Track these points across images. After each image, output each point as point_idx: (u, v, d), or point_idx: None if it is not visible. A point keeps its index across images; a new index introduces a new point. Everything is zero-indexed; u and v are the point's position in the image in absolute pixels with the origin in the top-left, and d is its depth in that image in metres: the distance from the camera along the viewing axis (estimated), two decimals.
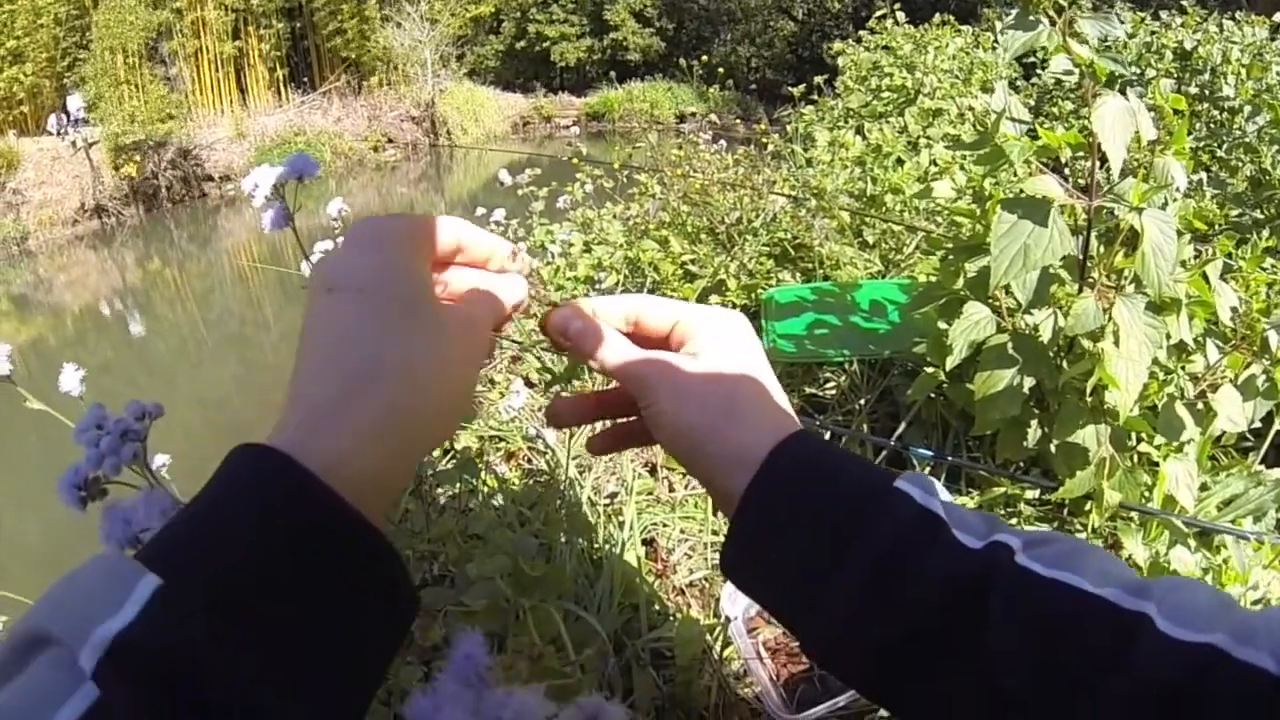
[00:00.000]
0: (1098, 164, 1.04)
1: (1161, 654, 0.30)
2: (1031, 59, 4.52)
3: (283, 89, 16.47)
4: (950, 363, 1.12)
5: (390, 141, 16.12)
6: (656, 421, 0.41)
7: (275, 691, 0.26)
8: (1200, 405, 1.14)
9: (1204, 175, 2.25)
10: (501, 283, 0.43)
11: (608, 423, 0.50)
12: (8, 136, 11.94)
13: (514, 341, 2.05)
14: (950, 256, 1.20)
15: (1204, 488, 1.22)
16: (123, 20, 13.30)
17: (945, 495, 0.38)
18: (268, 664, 0.26)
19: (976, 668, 0.32)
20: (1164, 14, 5.15)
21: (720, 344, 0.43)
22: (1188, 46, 4.08)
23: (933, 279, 1.31)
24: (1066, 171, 2.07)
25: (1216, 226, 1.77)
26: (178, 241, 11.91)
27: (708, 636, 1.01)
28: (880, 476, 0.38)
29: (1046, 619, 0.32)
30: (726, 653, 1.02)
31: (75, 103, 12.69)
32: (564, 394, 0.46)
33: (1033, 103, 4.29)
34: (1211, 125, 3.30)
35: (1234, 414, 1.10)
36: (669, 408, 0.40)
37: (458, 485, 1.03)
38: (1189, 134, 1.38)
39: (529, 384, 1.86)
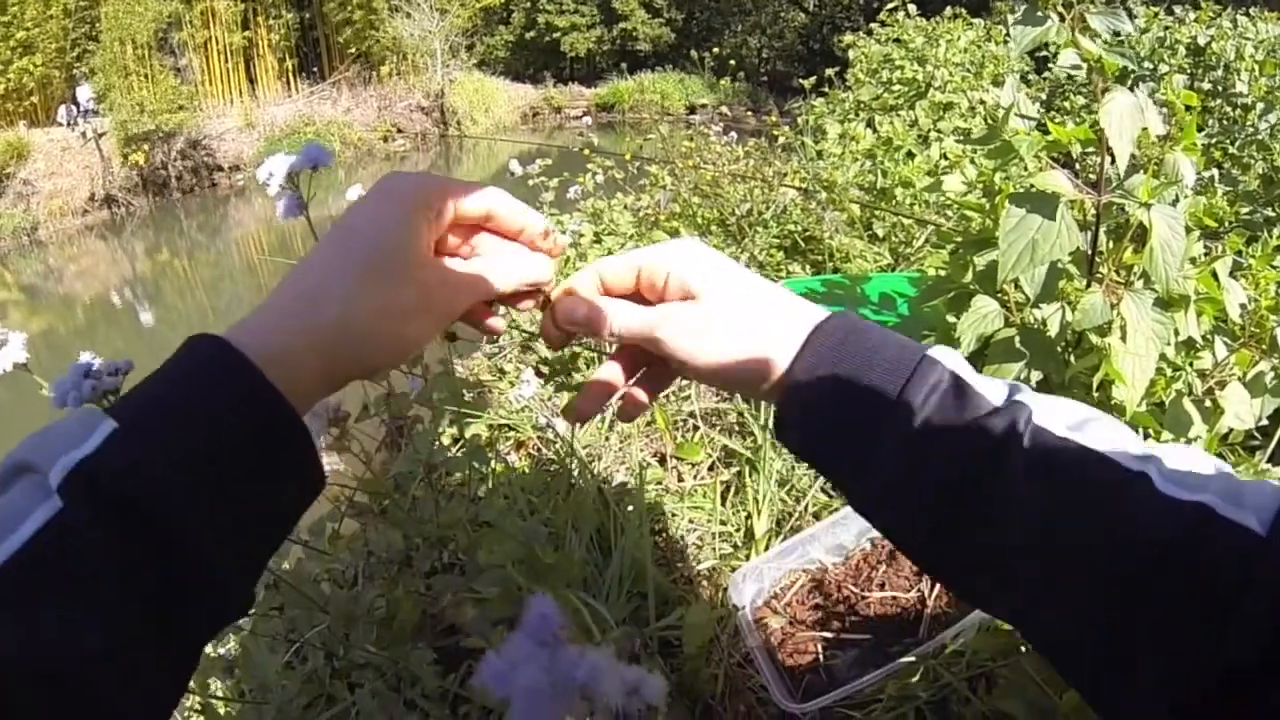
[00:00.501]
0: (1107, 159, 1.05)
1: (1156, 510, 0.33)
2: (1044, 53, 4.49)
3: (292, 79, 16.51)
4: None
5: (400, 132, 16.15)
6: (685, 361, 0.44)
7: (200, 510, 0.33)
8: (1208, 402, 1.14)
9: (1216, 172, 2.24)
10: (522, 259, 0.47)
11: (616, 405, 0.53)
12: (18, 127, 12.00)
13: (525, 332, 2.06)
14: (959, 250, 1.21)
15: None
16: (132, 11, 13.33)
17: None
18: (196, 487, 0.33)
19: (994, 517, 0.36)
20: (1178, 9, 5.12)
21: (703, 274, 0.45)
22: (1201, 42, 4.06)
23: (942, 272, 1.32)
24: (1077, 167, 2.06)
25: (1227, 223, 1.77)
26: (187, 231, 11.96)
27: (715, 626, 1.02)
28: (914, 347, 0.42)
29: (1056, 473, 0.36)
30: (734, 642, 1.04)
31: (85, 93, 12.76)
32: (578, 390, 0.50)
33: (1044, 97, 4.27)
34: (1224, 122, 3.28)
35: (1242, 411, 1.10)
36: (691, 344, 0.44)
37: (467, 472, 1.05)
38: (1201, 130, 1.37)
39: (539, 374, 1.87)
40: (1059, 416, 0.38)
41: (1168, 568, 0.32)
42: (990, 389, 0.40)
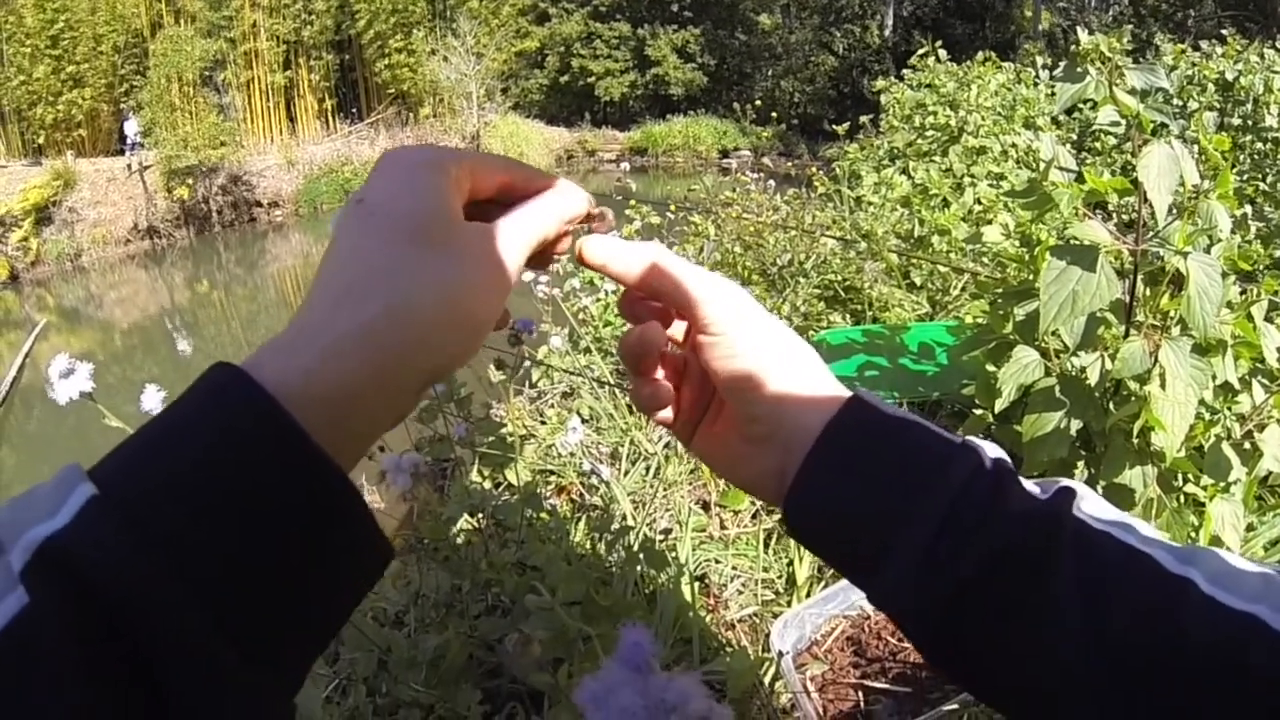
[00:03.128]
0: (1145, 209, 1.06)
1: (1205, 619, 0.30)
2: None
3: (331, 119, 16.94)
4: (999, 405, 1.13)
5: None
6: (720, 343, 0.39)
7: (198, 613, 0.25)
8: (1247, 445, 1.14)
9: (1248, 208, 2.23)
10: (553, 197, 0.40)
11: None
12: (65, 157, 12.40)
13: (567, 372, 2.09)
14: (999, 301, 1.22)
15: (1250, 528, 1.21)
16: (179, 50, 13.82)
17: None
18: (186, 582, 0.25)
19: (1034, 615, 0.32)
20: (1204, 44, 5.11)
21: (752, 324, 0.40)
22: (1229, 77, 4.05)
23: (980, 321, 1.33)
24: (1111, 208, 2.07)
25: (1261, 266, 1.76)
26: (226, 264, 12.23)
27: (758, 671, 1.03)
28: (948, 435, 0.37)
29: (1101, 568, 0.32)
30: (776, 686, 1.04)
31: (132, 127, 13.20)
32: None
33: (1075, 137, 4.27)
34: (1255, 157, 3.27)
35: None
36: (734, 326, 0.39)
37: (520, 519, 1.07)
38: (1232, 167, 1.38)
39: (583, 419, 1.89)
40: (1099, 511, 0.35)
41: (1216, 682, 0.29)
42: (1027, 483, 0.36)
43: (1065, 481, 0.36)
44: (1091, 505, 0.35)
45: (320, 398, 0.28)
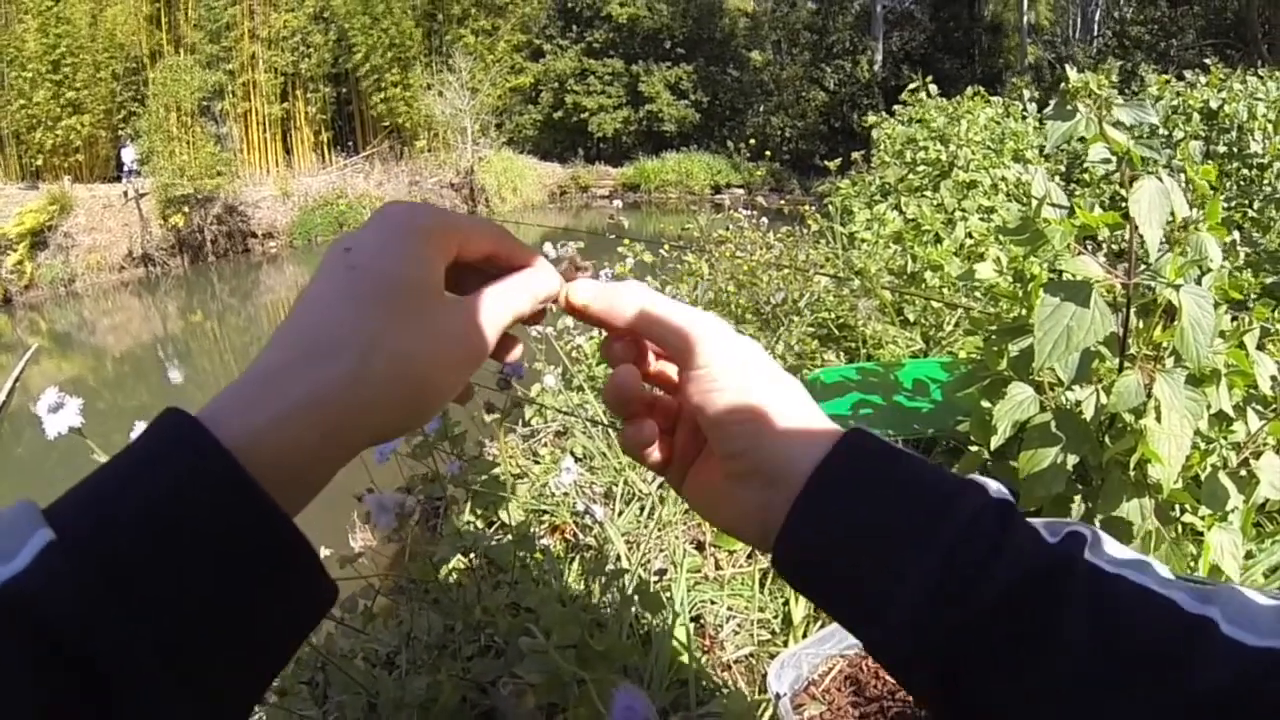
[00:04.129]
0: (1136, 242, 1.07)
1: (1225, 658, 0.29)
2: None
3: (326, 151, 17.06)
4: (995, 442, 1.13)
5: None
6: (704, 377, 0.38)
7: (159, 658, 0.26)
8: (1243, 473, 1.14)
9: (1236, 234, 2.25)
10: (529, 277, 0.40)
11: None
12: (62, 182, 12.44)
13: (560, 411, 2.08)
14: (993, 338, 1.23)
15: (1249, 555, 1.21)
16: (178, 79, 13.95)
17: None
18: (151, 631, 0.26)
19: (1043, 660, 0.31)
20: (1187, 73, 5.20)
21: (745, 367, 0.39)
22: (1213, 105, 4.11)
23: (975, 358, 1.33)
24: (1101, 240, 2.09)
25: (1251, 294, 1.78)
26: (219, 294, 12.22)
27: (755, 712, 1.01)
28: (951, 473, 0.36)
29: (1112, 614, 0.31)
30: None
31: (129, 154, 13.27)
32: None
33: (1064, 169, 4.32)
34: (1241, 183, 3.31)
35: (1277, 480, 1.10)
36: (718, 360, 0.38)
37: (512, 560, 1.05)
38: (1219, 194, 1.40)
39: (576, 459, 1.88)
40: (1111, 552, 0.34)
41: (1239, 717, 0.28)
42: (1034, 522, 0.35)
43: (1077, 526, 0.35)
44: (1108, 548, 0.34)
45: (269, 457, 0.29)
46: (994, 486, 0.35)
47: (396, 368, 0.33)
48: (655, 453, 0.43)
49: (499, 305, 0.38)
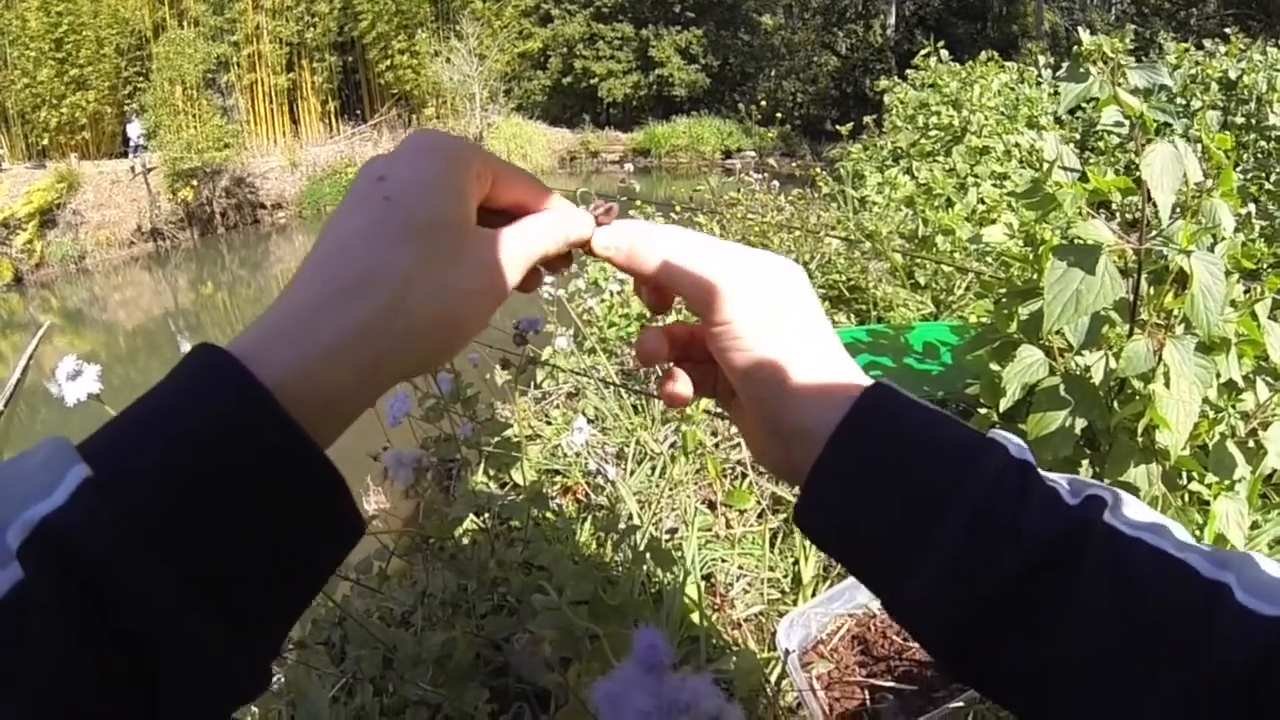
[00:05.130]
0: (1149, 208, 1.07)
1: (1239, 626, 0.29)
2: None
3: (334, 121, 16.97)
4: (1004, 405, 1.14)
5: None
6: (725, 334, 0.37)
7: (183, 595, 0.26)
8: (1251, 443, 1.14)
9: (1252, 207, 2.23)
10: (562, 216, 0.39)
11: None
12: (69, 160, 12.44)
13: (573, 373, 2.09)
14: (1003, 301, 1.23)
15: (1255, 526, 1.22)
16: (182, 53, 13.86)
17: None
18: (179, 570, 0.26)
19: (1063, 626, 0.31)
20: (1207, 42, 5.11)
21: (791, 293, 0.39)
22: (1232, 76, 4.05)
23: (985, 321, 1.33)
24: (1114, 207, 2.07)
25: (1265, 264, 1.77)
26: (229, 266, 12.25)
27: (764, 670, 1.03)
28: (972, 431, 0.35)
29: (1130, 578, 0.31)
30: (782, 685, 1.05)
31: (135, 129, 13.25)
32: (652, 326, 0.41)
33: (1078, 137, 4.27)
34: (1259, 155, 3.27)
35: None
36: (742, 316, 0.37)
37: (525, 519, 1.07)
38: (1236, 166, 1.39)
39: (588, 420, 1.90)
40: (1131, 514, 0.34)
41: (1246, 693, 0.29)
42: (1056, 480, 0.35)
43: (1098, 488, 0.35)
44: (1128, 510, 0.34)
45: (305, 394, 0.29)
46: (1015, 444, 0.35)
47: (431, 303, 0.33)
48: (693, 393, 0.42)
49: (529, 239, 0.37)
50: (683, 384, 0.42)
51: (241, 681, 0.29)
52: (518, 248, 0.37)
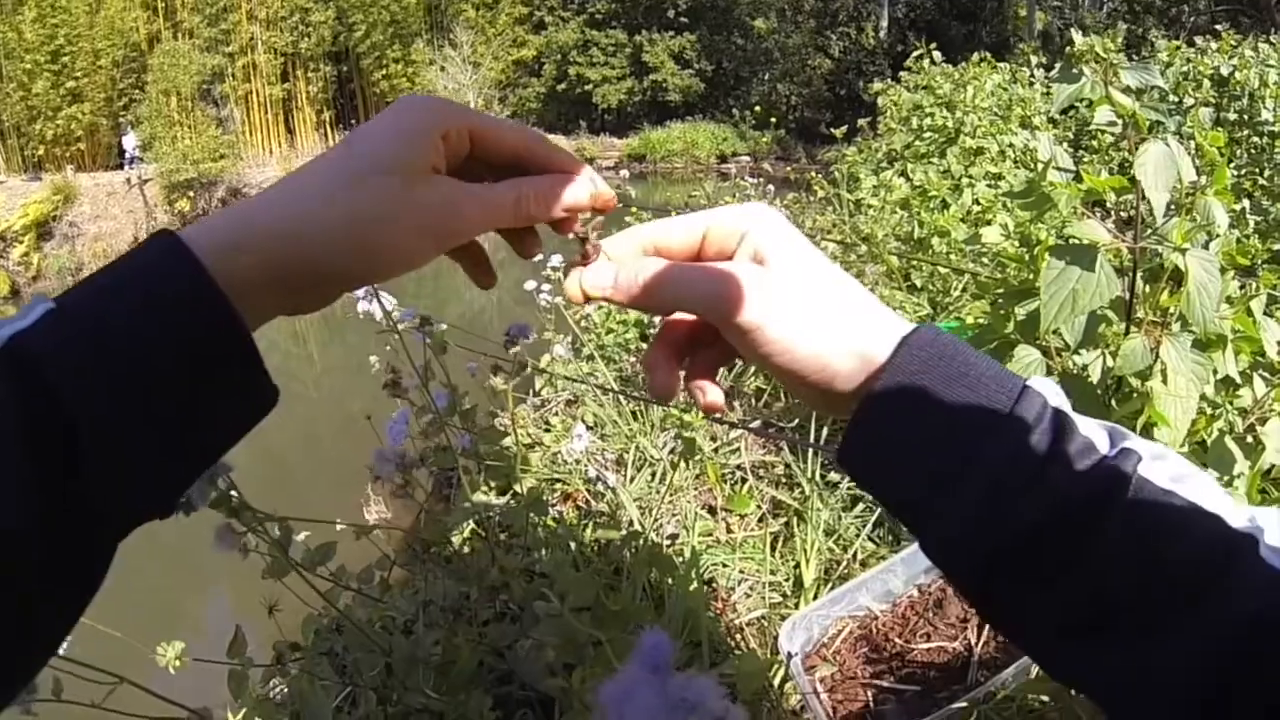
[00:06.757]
0: (1143, 207, 1.07)
1: (1261, 577, 0.30)
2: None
3: (329, 130, 17.02)
4: None
5: None
6: (751, 339, 0.37)
7: (120, 404, 0.32)
8: (1249, 439, 1.15)
9: (1246, 203, 2.24)
10: (553, 181, 0.41)
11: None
12: (65, 172, 12.45)
13: (570, 380, 2.09)
14: (1000, 301, 1.23)
15: None
16: (177, 64, 13.89)
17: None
18: (115, 366, 0.32)
19: (1091, 568, 0.32)
20: (1198, 39, 5.13)
21: (776, 242, 0.39)
22: (1224, 72, 4.07)
23: (982, 322, 1.34)
24: (1109, 206, 2.08)
25: (1259, 260, 1.77)
26: None
27: (767, 673, 1.03)
28: (1011, 375, 0.36)
29: (1155, 531, 0.32)
30: (786, 688, 1.05)
31: (130, 141, 13.26)
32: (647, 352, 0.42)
33: (1072, 136, 4.28)
34: (1252, 151, 3.28)
35: None
36: (762, 309, 0.37)
37: (525, 524, 1.07)
38: (1230, 162, 1.39)
39: (588, 426, 1.90)
40: (1163, 467, 0.34)
41: (1251, 643, 0.29)
42: (1091, 428, 0.36)
43: (1133, 441, 0.35)
44: (1164, 464, 0.34)
45: (221, 270, 0.35)
46: (1052, 390, 0.36)
47: (337, 222, 0.37)
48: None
49: (485, 202, 0.40)
50: (714, 393, 0.42)
51: (158, 485, 0.35)
52: (477, 203, 0.39)
